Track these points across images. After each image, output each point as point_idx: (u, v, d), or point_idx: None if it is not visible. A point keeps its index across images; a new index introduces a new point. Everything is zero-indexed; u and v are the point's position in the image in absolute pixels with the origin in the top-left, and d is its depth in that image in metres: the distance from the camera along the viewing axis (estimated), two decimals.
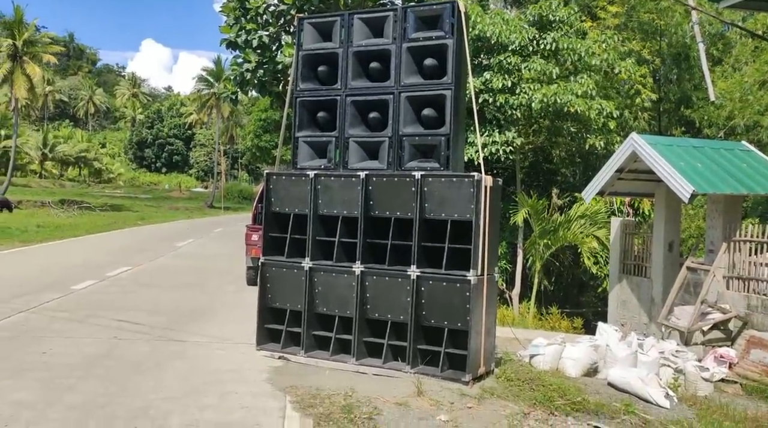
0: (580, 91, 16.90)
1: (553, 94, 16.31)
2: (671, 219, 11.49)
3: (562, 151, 21.16)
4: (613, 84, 20.92)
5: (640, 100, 20.09)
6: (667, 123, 23.31)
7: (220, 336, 7.76)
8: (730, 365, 8.80)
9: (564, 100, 16.41)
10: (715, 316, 9.63)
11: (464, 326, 6.06)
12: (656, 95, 20.53)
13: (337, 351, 6.72)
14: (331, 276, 6.68)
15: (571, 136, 18.63)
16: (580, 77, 17.33)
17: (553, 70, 16.93)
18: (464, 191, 6.07)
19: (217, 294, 11.05)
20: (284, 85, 21.11)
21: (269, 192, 7.03)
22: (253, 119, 43.00)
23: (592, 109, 17.08)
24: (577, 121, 17.90)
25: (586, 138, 17.62)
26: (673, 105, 23.41)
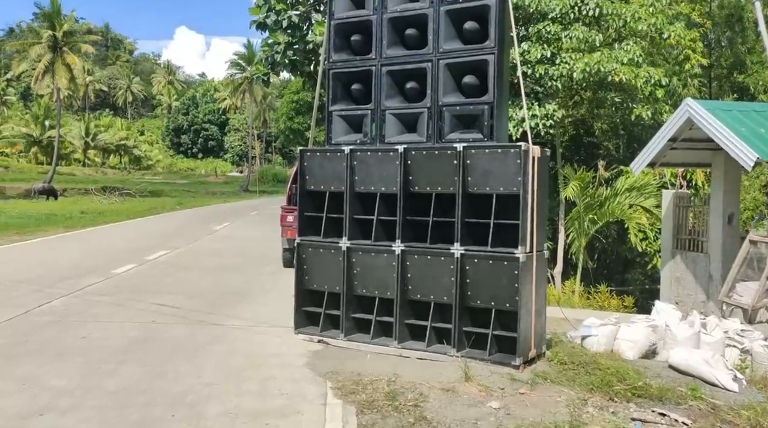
0: (626, 59, 16.12)
1: (596, 62, 15.57)
2: (730, 189, 10.82)
3: (604, 123, 20.37)
4: (660, 50, 19.98)
5: (690, 65, 19.12)
6: (719, 90, 22.22)
7: (258, 319, 7.55)
8: None
9: (608, 68, 15.66)
10: None
11: (513, 307, 5.68)
12: (707, 60, 19.52)
13: (378, 334, 6.42)
14: (370, 256, 6.36)
15: (615, 107, 17.86)
16: (625, 44, 16.53)
17: (596, 38, 16.17)
18: (510, 163, 5.65)
19: (254, 277, 10.87)
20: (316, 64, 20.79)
21: (303, 169, 6.73)
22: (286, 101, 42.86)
23: (639, 77, 16.28)
24: (621, 90, 17.10)
25: (632, 108, 16.85)
26: (725, 70, 22.29)
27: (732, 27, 20.46)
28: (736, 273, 9.72)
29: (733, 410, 5.65)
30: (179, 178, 65.14)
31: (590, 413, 5.08)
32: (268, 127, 68.56)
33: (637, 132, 19.66)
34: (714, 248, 10.97)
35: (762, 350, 7.39)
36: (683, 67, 19.57)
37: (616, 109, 18.11)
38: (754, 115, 9.89)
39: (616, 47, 16.43)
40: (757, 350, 7.41)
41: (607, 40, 16.75)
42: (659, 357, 7.26)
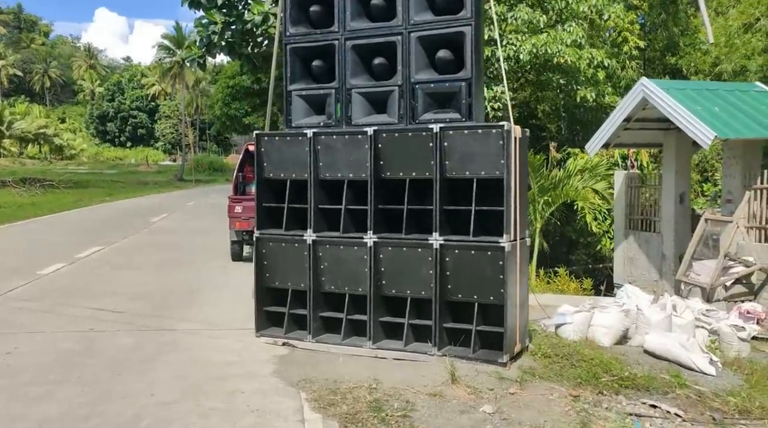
0: (569, 40, 16.09)
1: (542, 44, 15.45)
2: (681, 169, 10.85)
3: (547, 105, 20.43)
4: (599, 32, 20.12)
5: (628, 48, 19.34)
6: (652, 72, 22.65)
7: (213, 321, 6.89)
8: (757, 320, 8.26)
9: (553, 50, 15.58)
10: (738, 270, 9.06)
11: (498, 300, 5.29)
12: (644, 43, 19.80)
13: (350, 333, 5.92)
14: (339, 249, 5.84)
15: (560, 89, 17.87)
16: (568, 26, 16.50)
17: (540, 19, 16.07)
18: (492, 144, 5.23)
19: (202, 273, 10.12)
20: (254, 46, 19.84)
21: (260, 156, 6.11)
22: (221, 87, 41.21)
23: (582, 59, 16.30)
24: (563, 72, 17.10)
25: (576, 90, 16.88)
26: (658, 53, 22.75)
27: (666, 9, 20.82)
28: (693, 252, 9.74)
29: (719, 397, 5.49)
30: (107, 167, 62.07)
31: (585, 410, 4.77)
32: (202, 113, 66.17)
33: (579, 114, 19.79)
34: (666, 227, 11.00)
35: (729, 330, 7.33)
36: (621, 49, 19.79)
37: (560, 91, 18.13)
38: (707, 94, 9.89)
39: (559, 29, 16.38)
40: (725, 330, 7.35)
41: (550, 21, 16.68)
42: (632, 342, 7.09)
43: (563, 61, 15.73)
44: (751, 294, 9.19)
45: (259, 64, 20.61)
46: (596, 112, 18.51)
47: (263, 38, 19.21)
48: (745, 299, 9.21)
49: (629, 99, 10.27)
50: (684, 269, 9.59)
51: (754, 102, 9.77)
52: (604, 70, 17.46)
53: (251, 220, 10.79)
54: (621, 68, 19.77)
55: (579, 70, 16.67)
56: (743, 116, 9.26)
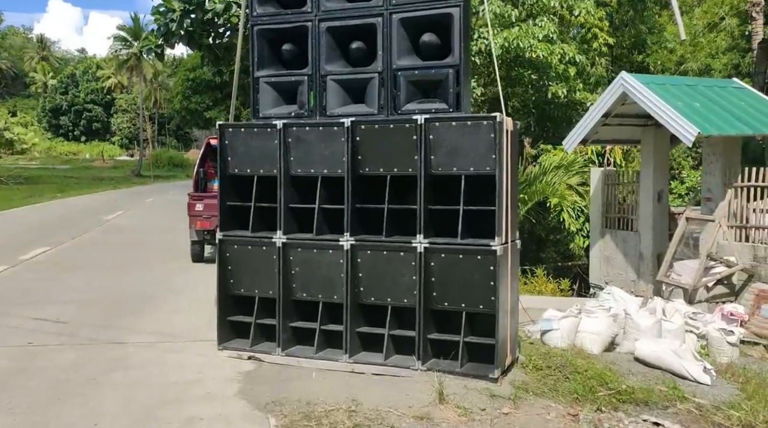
0: (541, 35, 15.80)
1: (515, 38, 15.11)
2: (660, 166, 10.60)
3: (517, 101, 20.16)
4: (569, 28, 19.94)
5: (597, 44, 19.18)
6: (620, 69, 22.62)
7: (169, 332, 6.25)
8: (741, 322, 8.00)
9: (525, 44, 15.27)
10: (720, 270, 8.82)
11: (488, 308, 4.81)
12: (613, 39, 19.67)
13: (323, 345, 5.38)
14: (312, 252, 5.28)
15: (531, 85, 17.60)
16: (539, 20, 16.22)
17: (512, 13, 15.74)
18: (482, 137, 4.74)
19: (159, 276, 9.41)
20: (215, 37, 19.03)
21: (224, 149, 5.50)
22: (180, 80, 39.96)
23: (554, 54, 16.04)
24: (535, 68, 16.83)
25: (547, 86, 16.61)
26: (625, 50, 22.72)
27: (635, 6, 20.76)
28: (674, 252, 9.48)
29: (720, 410, 5.13)
30: (60, 162, 59.81)
31: None
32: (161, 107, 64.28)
33: (550, 110, 19.56)
34: (644, 226, 10.74)
35: (718, 335, 7.04)
36: (591, 45, 19.64)
37: (531, 87, 17.87)
38: (687, 89, 9.63)
39: (530, 23, 16.09)
40: (713, 335, 7.05)
41: (521, 16, 16.38)
42: (621, 348, 6.73)
43: (535, 56, 15.42)
44: (732, 294, 8.97)
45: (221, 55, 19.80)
46: (566, 109, 18.30)
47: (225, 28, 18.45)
48: (726, 300, 8.98)
49: (608, 94, 9.95)
50: (665, 269, 9.31)
51: (733, 98, 9.55)
52: (574, 66, 17.26)
53: (213, 219, 10.15)
54: (591, 65, 19.62)
55: (550, 66, 16.40)
56: (724, 112, 9.02)
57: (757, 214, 8.78)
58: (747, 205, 9.02)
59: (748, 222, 9.03)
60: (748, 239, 8.92)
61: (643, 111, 10.25)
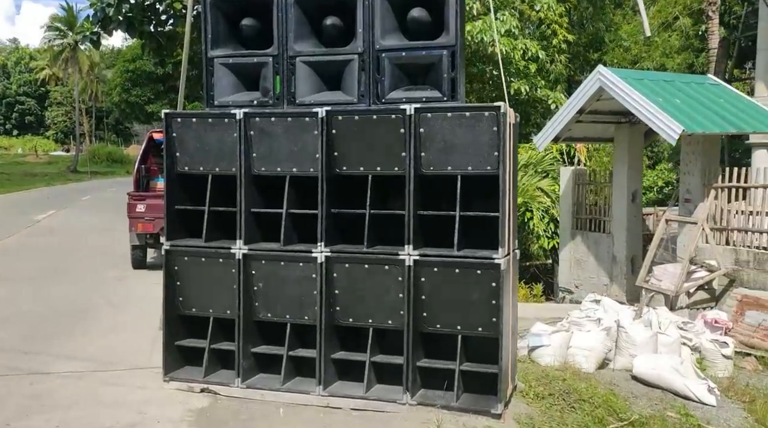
0: (503, 30, 15.33)
1: (478, 31, 14.57)
2: (634, 165, 10.18)
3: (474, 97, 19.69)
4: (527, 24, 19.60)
5: (557, 41, 18.89)
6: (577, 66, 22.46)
7: (106, 357, 5.31)
8: (725, 330, 7.61)
9: (489, 38, 14.75)
10: (702, 275, 8.43)
11: (489, 331, 4.12)
12: (573, 36, 19.42)
13: (292, 374, 4.58)
14: (279, 266, 4.47)
15: (491, 81, 17.12)
16: (500, 14, 15.75)
17: (473, 6, 15.19)
18: (483, 131, 4.04)
19: (94, 286, 8.36)
20: (157, 24, 17.80)
21: (172, 143, 4.62)
22: (119, 71, 37.96)
23: (517, 50, 15.62)
24: (494, 63, 16.35)
25: (510, 82, 16.16)
26: (581, 47, 22.58)
27: (594, 3, 20.60)
28: (653, 256, 9.06)
29: None
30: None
31: None
32: (99, 100, 61.33)
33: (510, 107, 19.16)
34: (618, 228, 10.32)
35: (711, 347, 6.58)
36: (551, 42, 19.34)
37: (491, 83, 17.40)
38: (665, 85, 9.23)
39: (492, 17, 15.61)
40: (707, 347, 6.59)
41: (483, 9, 15.89)
42: (615, 364, 6.17)
43: (497, 50, 14.89)
44: (713, 300, 8.59)
45: (163, 44, 18.55)
46: (526, 106, 17.92)
47: (168, 15, 17.28)
48: (706, 306, 8.61)
49: (584, 89, 9.45)
50: (644, 274, 8.86)
51: (711, 95, 9.20)
52: (535, 63, 16.88)
53: (157, 221, 9.15)
54: (550, 62, 19.33)
55: (512, 62, 15.95)
56: (705, 109, 8.64)
57: (738, 215, 8.43)
58: (725, 207, 8.67)
59: (728, 224, 8.68)
60: (728, 242, 8.57)
61: (618, 107, 9.81)
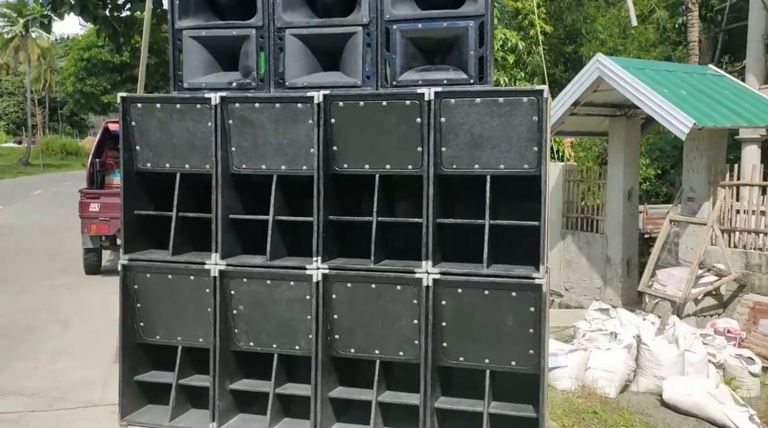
0: None
1: None
2: (630, 161, 9.62)
3: None
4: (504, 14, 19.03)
5: (535, 32, 18.36)
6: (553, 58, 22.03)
7: (49, 390, 4.42)
8: (738, 341, 7.07)
9: None
10: (710, 280, 7.90)
11: (525, 365, 3.39)
12: (551, 28, 18.93)
13: (279, 415, 3.78)
14: (264, 285, 3.65)
15: None
16: None
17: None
18: (520, 121, 3.29)
19: (40, 298, 7.36)
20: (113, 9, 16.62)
21: (130, 134, 3.75)
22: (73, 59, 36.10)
23: (497, 40, 15.03)
24: None
25: None
26: (557, 40, 22.16)
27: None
28: (657, 259, 8.51)
29: None
30: None
31: None
32: (52, 91, 58.80)
33: None
34: (613, 227, 9.77)
35: (737, 363, 6.01)
36: (528, 33, 18.82)
37: None
38: (667, 75, 8.66)
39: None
40: (732, 363, 6.02)
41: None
42: (638, 386, 5.56)
43: None
44: (721, 306, 8.08)
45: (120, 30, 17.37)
46: None
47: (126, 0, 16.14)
48: (714, 313, 8.09)
49: (581, 79, 8.84)
50: (647, 279, 8.31)
51: (716, 86, 8.69)
52: (513, 54, 16.32)
53: (113, 222, 8.17)
54: (527, 53, 18.80)
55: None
56: (712, 102, 8.10)
57: (749, 215, 7.93)
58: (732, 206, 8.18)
59: (731, 224, 8.18)
60: (733, 244, 8.06)
61: (615, 99, 9.25)
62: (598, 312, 6.92)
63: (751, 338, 7.37)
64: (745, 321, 7.58)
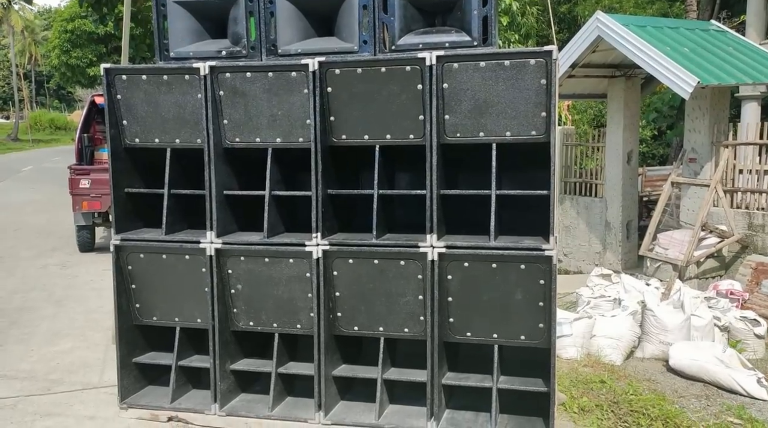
0: None
1: None
2: (630, 124, 9.43)
3: None
4: None
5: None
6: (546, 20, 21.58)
7: (44, 373, 4.31)
8: (741, 302, 7.02)
9: None
10: (713, 241, 7.82)
11: (535, 339, 3.29)
12: None
13: (282, 396, 3.69)
14: (262, 263, 3.52)
15: None
16: None
17: None
18: (527, 85, 3.12)
19: (32, 276, 7.23)
20: None
21: (116, 108, 3.57)
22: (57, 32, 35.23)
23: None
24: None
25: None
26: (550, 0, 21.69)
27: None
28: (658, 222, 8.41)
29: None
30: None
31: None
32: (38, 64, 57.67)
33: None
34: (612, 191, 9.63)
35: (742, 326, 5.94)
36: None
37: None
38: (669, 32, 8.43)
39: None
40: (736, 326, 5.96)
41: None
42: (643, 352, 5.48)
43: None
44: (723, 268, 8.02)
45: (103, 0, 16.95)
46: None
47: None
48: (716, 275, 8.03)
49: (580, 38, 8.59)
50: (648, 242, 8.22)
51: (719, 43, 8.46)
52: (507, 15, 15.93)
53: (105, 198, 8.00)
54: (521, 14, 18.39)
55: None
56: (716, 59, 7.90)
57: (752, 175, 7.80)
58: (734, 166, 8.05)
59: (733, 184, 8.07)
60: (739, 205, 7.96)
61: (615, 59, 9.03)
62: (600, 278, 6.85)
63: (754, 299, 7.32)
64: (748, 282, 7.52)
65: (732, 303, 6.76)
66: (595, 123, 17.02)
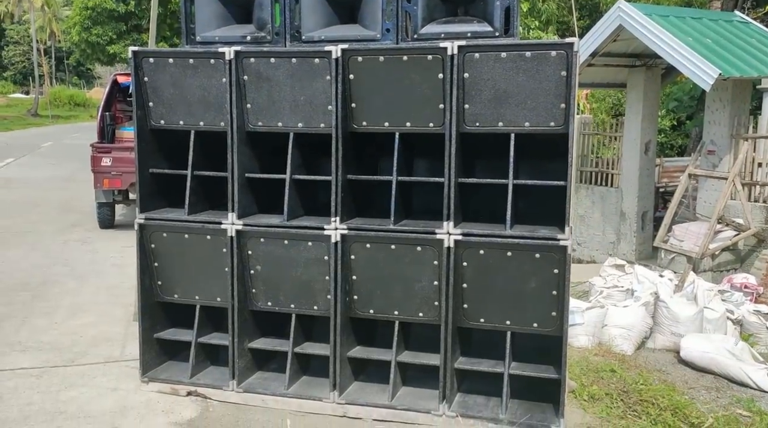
0: None
1: None
2: (649, 114, 9.37)
3: None
4: None
5: None
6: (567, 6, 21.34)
7: (67, 346, 4.45)
8: (756, 296, 7.02)
9: None
10: (729, 235, 7.79)
11: (547, 327, 3.35)
12: None
13: (298, 375, 3.79)
14: (282, 245, 3.61)
15: None
16: None
17: None
18: (548, 76, 3.16)
19: (54, 251, 7.38)
20: None
21: (143, 91, 3.65)
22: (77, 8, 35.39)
23: None
24: None
25: None
26: None
27: None
28: (674, 213, 8.39)
29: None
30: None
31: None
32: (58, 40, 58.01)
33: None
34: (629, 182, 9.60)
35: (755, 320, 5.95)
36: None
37: None
38: (693, 23, 8.34)
39: None
40: (750, 320, 5.96)
41: None
42: (654, 343, 5.50)
43: None
44: (738, 262, 8.00)
45: None
46: None
47: None
48: (731, 268, 8.02)
49: (601, 27, 8.52)
50: (663, 233, 8.21)
51: (742, 34, 8.36)
52: (527, 2, 15.80)
53: (126, 176, 8.13)
54: (542, 1, 18.21)
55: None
56: (739, 50, 7.81)
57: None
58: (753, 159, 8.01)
59: (752, 178, 8.03)
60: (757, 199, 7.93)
61: (636, 48, 8.95)
62: (614, 268, 6.85)
63: None
64: (763, 276, 7.51)
65: (746, 296, 6.76)
66: (613, 112, 16.87)
